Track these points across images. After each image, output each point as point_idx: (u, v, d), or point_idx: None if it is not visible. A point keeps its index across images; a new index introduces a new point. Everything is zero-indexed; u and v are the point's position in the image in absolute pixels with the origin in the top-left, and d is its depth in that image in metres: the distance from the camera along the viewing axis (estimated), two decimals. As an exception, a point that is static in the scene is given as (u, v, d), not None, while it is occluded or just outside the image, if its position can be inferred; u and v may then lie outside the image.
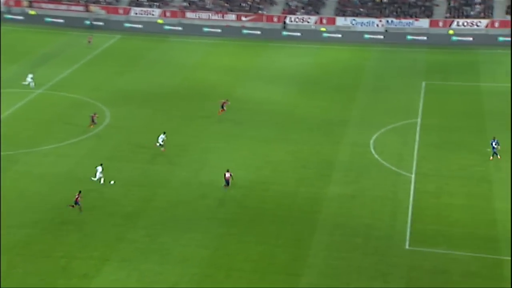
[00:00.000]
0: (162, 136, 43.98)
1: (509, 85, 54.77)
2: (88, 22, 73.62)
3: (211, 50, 66.96)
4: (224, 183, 39.36)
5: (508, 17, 67.76)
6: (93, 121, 47.38)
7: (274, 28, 71.59)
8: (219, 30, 71.10)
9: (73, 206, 36.75)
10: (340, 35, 68.64)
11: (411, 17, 69.66)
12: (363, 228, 35.44)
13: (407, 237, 34.39)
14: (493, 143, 41.37)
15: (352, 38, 68.51)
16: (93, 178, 39.62)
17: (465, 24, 67.92)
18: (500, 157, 41.29)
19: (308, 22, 71.86)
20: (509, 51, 63.03)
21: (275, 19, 72.56)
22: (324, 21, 71.29)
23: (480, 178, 39.76)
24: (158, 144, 43.96)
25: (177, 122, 49.34)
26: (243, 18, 73.26)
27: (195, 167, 42.23)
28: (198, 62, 63.42)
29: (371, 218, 36.37)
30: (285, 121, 49.67)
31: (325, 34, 68.25)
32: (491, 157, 41.47)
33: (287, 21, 72.21)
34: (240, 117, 50.42)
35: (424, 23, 69.08)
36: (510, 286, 30.31)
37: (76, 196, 36.73)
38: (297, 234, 35.19)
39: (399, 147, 44.58)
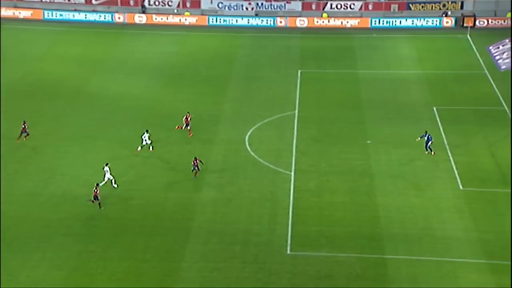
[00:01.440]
0: (146, 135, 43.08)
1: (387, 71, 58.28)
2: None
3: (57, 38, 64.34)
4: (192, 168, 40.00)
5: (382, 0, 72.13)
6: (25, 131, 43.80)
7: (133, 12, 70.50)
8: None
9: (92, 201, 36.89)
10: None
11: (283, -1, 71.72)
12: (241, 234, 35.92)
13: (288, 241, 35.37)
14: (425, 137, 42.93)
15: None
16: (103, 183, 38.73)
17: (339, 6, 71.24)
18: (434, 153, 43.25)
19: (169, 5, 71.50)
20: (384, 36, 67.09)
21: (132, 2, 71.41)
22: (188, 4, 71.35)
23: (361, 173, 41.89)
24: (141, 147, 42.95)
25: (19, 124, 46.89)
26: (94, 1, 71.23)
27: (44, 175, 40.40)
28: (42, 52, 60.67)
29: (249, 223, 36.96)
30: (148, 118, 49.00)
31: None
32: (428, 152, 42.99)
33: (146, 4, 71.35)
34: (95, 115, 49.12)
35: (296, 5, 71.46)
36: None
37: (95, 190, 36.63)
38: (168, 245, 34.94)
39: (277, 143, 45.72)
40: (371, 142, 45.59)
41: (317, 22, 70.43)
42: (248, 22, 70.18)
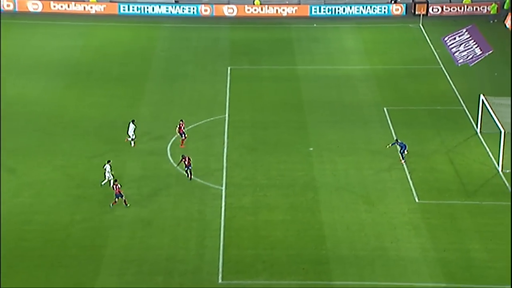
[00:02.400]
0: (132, 126, 45.28)
1: (330, 67, 59.26)
2: None
3: None
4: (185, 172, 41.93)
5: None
6: None
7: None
8: None
9: (115, 201, 38.89)
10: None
11: (207, -17, 71.81)
12: (164, 262, 35.67)
13: (220, 269, 35.36)
14: (397, 145, 44.17)
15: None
16: (104, 183, 40.65)
17: (273, -8, 71.99)
18: (404, 161, 44.27)
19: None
20: (326, 26, 68.24)
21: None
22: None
23: (303, 185, 42.37)
24: (130, 138, 45.42)
25: None
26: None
27: None
28: None
29: (174, 248, 36.77)
30: (49, 126, 48.27)
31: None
32: (404, 161, 44.34)
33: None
34: (-16, 123, 48.02)
35: (224, -9, 71.78)
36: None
37: (117, 185, 38.79)
38: (75, 278, 34.38)
39: (204, 153, 45.71)
40: (314, 150, 46.19)
41: (248, 10, 70.88)
42: (167, 11, 69.97)
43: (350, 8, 70.96)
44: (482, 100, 47.54)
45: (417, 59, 61.12)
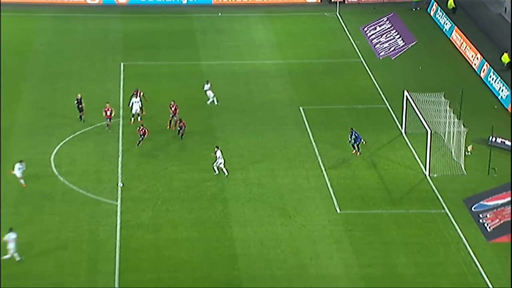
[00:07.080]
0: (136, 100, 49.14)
1: (239, 62, 59.74)
2: None
3: None
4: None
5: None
6: None
7: None
8: None
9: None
10: None
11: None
12: (47, 293, 35.26)
13: (116, 298, 35.33)
14: (353, 135, 46.32)
15: None
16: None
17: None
18: (360, 153, 46.50)
19: None
20: (233, 15, 68.75)
21: None
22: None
23: (211, 197, 42.54)
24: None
25: None
26: None
27: None
28: None
29: (60, 275, 36.34)
30: None
31: None
32: (355, 151, 46.68)
33: None
34: None
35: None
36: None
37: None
38: None
39: (96, 162, 45.42)
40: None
41: (143, -3, 70.83)
42: (47, -2, 69.18)
43: (259, -6, 71.68)
44: (406, 97, 48.92)
45: (334, 52, 62.35)
